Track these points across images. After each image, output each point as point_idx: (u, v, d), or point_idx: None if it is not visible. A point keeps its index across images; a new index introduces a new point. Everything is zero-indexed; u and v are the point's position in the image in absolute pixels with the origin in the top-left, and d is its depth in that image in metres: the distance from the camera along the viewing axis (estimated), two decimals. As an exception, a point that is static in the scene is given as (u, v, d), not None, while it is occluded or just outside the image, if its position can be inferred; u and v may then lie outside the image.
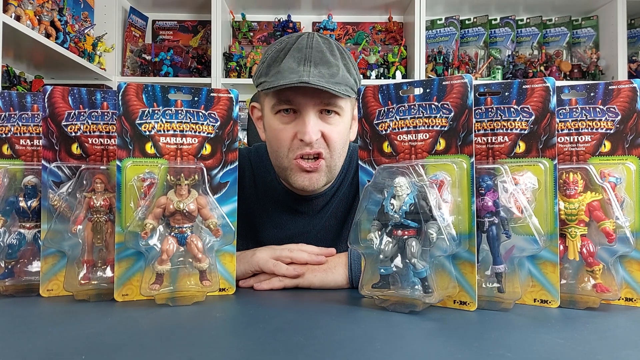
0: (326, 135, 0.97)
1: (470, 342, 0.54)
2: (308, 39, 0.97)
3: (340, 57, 0.98)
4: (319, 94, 0.93)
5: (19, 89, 2.23)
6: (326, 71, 0.94)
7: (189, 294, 0.72)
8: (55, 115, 0.77)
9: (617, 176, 0.71)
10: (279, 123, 0.98)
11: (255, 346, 0.53)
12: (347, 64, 0.98)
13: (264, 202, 1.14)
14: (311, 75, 0.91)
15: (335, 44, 1.01)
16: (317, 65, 0.94)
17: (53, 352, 0.50)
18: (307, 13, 2.86)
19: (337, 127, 0.98)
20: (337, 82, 0.93)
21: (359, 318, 0.64)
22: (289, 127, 0.97)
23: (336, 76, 0.94)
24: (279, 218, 1.13)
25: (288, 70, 0.93)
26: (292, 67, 0.93)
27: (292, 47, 0.96)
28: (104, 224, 0.75)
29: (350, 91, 0.95)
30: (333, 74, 0.94)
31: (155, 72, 2.66)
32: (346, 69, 0.97)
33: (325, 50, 0.96)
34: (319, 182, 1.00)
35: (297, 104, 0.95)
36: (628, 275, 0.71)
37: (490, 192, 0.69)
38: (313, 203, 1.12)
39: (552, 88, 0.69)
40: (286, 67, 0.93)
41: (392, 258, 0.67)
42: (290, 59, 0.94)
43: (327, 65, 0.94)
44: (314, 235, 1.12)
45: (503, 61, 2.73)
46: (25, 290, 0.76)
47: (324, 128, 0.97)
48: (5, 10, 1.70)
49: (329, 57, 0.96)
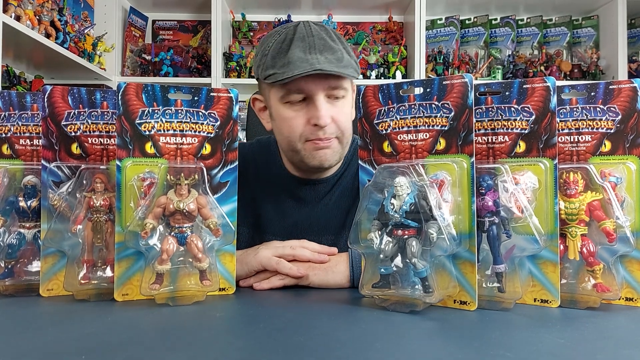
0: (336, 119, 1.00)
1: (471, 342, 0.54)
2: (305, 27, 1.00)
3: (339, 41, 1.02)
4: (327, 79, 0.97)
5: (19, 89, 2.23)
6: (332, 56, 0.97)
7: (189, 294, 0.72)
8: (55, 115, 0.77)
9: (617, 176, 0.71)
10: (290, 111, 1.01)
11: (255, 346, 0.52)
12: (345, 47, 1.03)
13: (268, 190, 1.15)
14: (321, 62, 0.94)
15: (331, 29, 1.04)
16: (322, 51, 0.97)
17: (53, 352, 0.50)
18: (307, 13, 2.85)
19: (343, 109, 1.02)
20: (345, 66, 0.97)
21: (359, 318, 0.64)
22: (301, 114, 1.00)
23: (342, 60, 0.97)
24: (283, 205, 1.14)
25: (298, 60, 0.95)
26: (300, 56, 0.96)
27: (293, 37, 0.99)
28: (104, 223, 0.75)
29: (354, 72, 1.00)
30: (339, 58, 0.97)
31: (155, 72, 2.66)
32: (346, 52, 1.01)
33: (325, 37, 0.99)
34: (333, 157, 1.04)
35: (308, 91, 0.98)
36: (628, 275, 0.70)
37: (490, 191, 0.69)
38: (316, 189, 1.13)
39: (552, 88, 0.69)
40: (295, 57, 0.95)
41: (393, 258, 0.67)
42: (296, 48, 0.97)
43: (331, 51, 0.98)
44: (319, 225, 1.12)
45: (503, 61, 2.73)
46: (25, 290, 0.76)
47: (333, 112, 1.00)
48: (5, 10, 1.70)
49: (331, 43, 0.99)
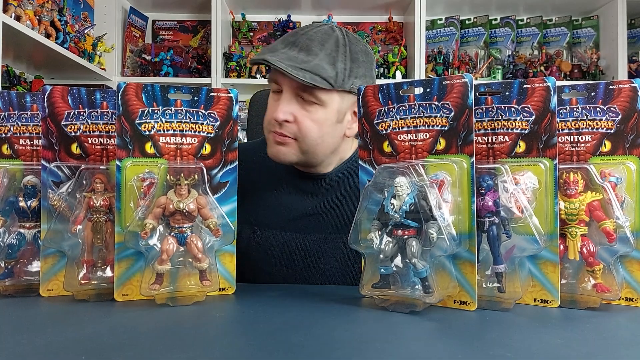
0: (298, 120, 0.97)
1: (471, 342, 0.54)
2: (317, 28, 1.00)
3: (335, 49, 0.95)
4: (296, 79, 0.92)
5: (19, 89, 2.23)
6: (304, 57, 0.93)
7: (189, 294, 0.72)
8: (55, 115, 0.77)
9: (617, 176, 0.71)
10: (271, 100, 1.04)
11: (255, 346, 0.52)
12: (335, 57, 0.95)
13: (270, 183, 1.14)
14: (281, 56, 0.93)
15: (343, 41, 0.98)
16: (301, 50, 0.95)
17: (53, 352, 0.50)
18: (307, 13, 2.85)
19: (313, 115, 0.97)
20: (302, 69, 0.91)
21: (359, 318, 0.64)
22: (274, 105, 1.01)
23: (307, 63, 0.92)
24: (285, 197, 1.12)
25: (270, 49, 0.97)
26: (275, 46, 0.98)
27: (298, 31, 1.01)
28: (103, 223, 0.75)
29: (319, 81, 0.91)
30: (305, 60, 0.93)
31: (155, 72, 2.66)
32: (329, 60, 0.94)
33: (319, 40, 0.96)
34: (286, 156, 1.01)
35: (281, 84, 0.99)
36: (628, 275, 0.70)
37: (490, 191, 0.69)
38: (318, 183, 1.11)
39: (552, 88, 0.69)
40: (272, 46, 0.98)
41: (392, 258, 0.67)
42: (282, 40, 0.99)
43: (307, 52, 0.95)
44: (329, 220, 1.09)
45: (503, 61, 2.73)
46: (25, 290, 0.76)
47: (299, 113, 0.97)
48: (5, 10, 1.70)
49: (315, 46, 0.95)
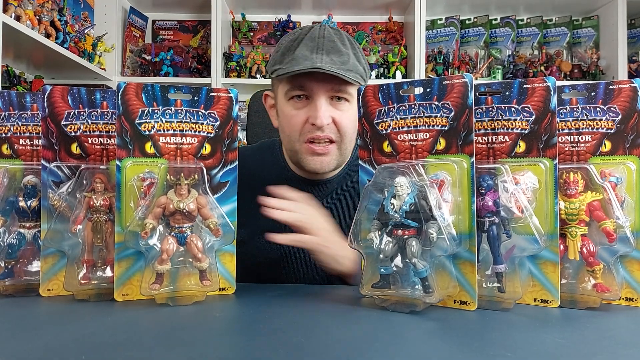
0: (337, 121, 1.01)
1: (471, 342, 0.54)
2: (320, 29, 1.02)
3: (350, 46, 1.03)
4: (331, 80, 0.98)
5: (19, 89, 2.23)
6: (337, 59, 0.98)
7: (189, 294, 0.72)
8: (55, 115, 0.77)
9: (617, 176, 0.71)
10: (292, 109, 1.03)
11: (255, 346, 0.52)
12: (356, 53, 1.03)
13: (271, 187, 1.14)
14: (324, 62, 0.96)
15: (345, 34, 1.05)
16: (329, 53, 0.98)
17: (53, 352, 0.50)
18: (307, 13, 2.86)
19: (347, 113, 1.02)
20: (348, 69, 0.98)
21: (359, 318, 0.64)
22: (302, 113, 1.01)
23: (347, 63, 0.99)
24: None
25: (302, 58, 0.97)
26: (305, 54, 0.98)
27: (305, 36, 1.01)
28: (103, 223, 0.75)
29: (360, 78, 1.00)
30: (344, 61, 0.99)
31: (155, 72, 2.66)
32: (356, 58, 1.02)
33: (336, 40, 1.01)
34: (329, 164, 1.05)
35: (309, 90, 1.00)
36: (628, 275, 0.70)
37: (490, 191, 0.68)
38: (321, 188, 1.13)
39: (552, 87, 0.69)
40: (300, 54, 0.98)
41: (392, 258, 0.67)
42: (304, 47, 0.99)
43: (339, 54, 0.99)
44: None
45: (503, 61, 2.73)
46: (25, 290, 0.76)
47: (335, 114, 1.01)
48: (5, 10, 1.70)
49: (340, 46, 1.00)
